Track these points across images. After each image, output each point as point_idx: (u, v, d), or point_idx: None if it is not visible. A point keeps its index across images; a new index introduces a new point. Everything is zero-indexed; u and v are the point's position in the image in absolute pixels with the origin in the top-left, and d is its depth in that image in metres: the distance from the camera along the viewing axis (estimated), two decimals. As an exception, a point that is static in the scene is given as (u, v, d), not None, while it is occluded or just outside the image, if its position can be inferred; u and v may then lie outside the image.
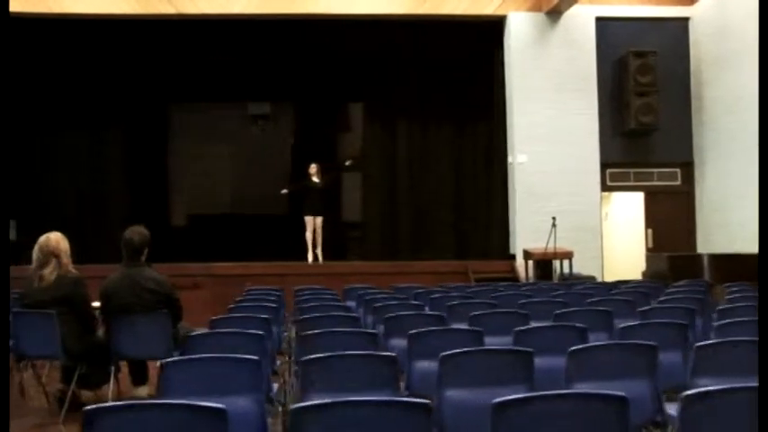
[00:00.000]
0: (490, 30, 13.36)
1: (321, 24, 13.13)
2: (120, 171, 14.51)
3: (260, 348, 4.30)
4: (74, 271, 5.99)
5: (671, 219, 13.02)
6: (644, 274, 12.15)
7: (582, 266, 12.12)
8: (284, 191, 13.46)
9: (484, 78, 13.66)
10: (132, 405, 2.33)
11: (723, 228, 12.18)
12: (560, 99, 12.79)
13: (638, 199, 13.37)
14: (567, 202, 12.46)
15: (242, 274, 12.07)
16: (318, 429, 2.40)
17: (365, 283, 9.09)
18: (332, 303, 6.85)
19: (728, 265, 10.44)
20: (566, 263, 12.02)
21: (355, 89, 14.77)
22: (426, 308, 6.47)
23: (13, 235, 13.76)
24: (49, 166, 14.09)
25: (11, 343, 6.21)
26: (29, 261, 12.91)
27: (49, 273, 5.83)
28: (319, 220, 12.95)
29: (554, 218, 11.55)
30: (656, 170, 13.18)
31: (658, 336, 3.96)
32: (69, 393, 5.86)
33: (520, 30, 12.90)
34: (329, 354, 3.51)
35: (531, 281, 11.80)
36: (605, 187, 13.06)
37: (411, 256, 13.59)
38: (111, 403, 2.34)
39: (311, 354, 3.52)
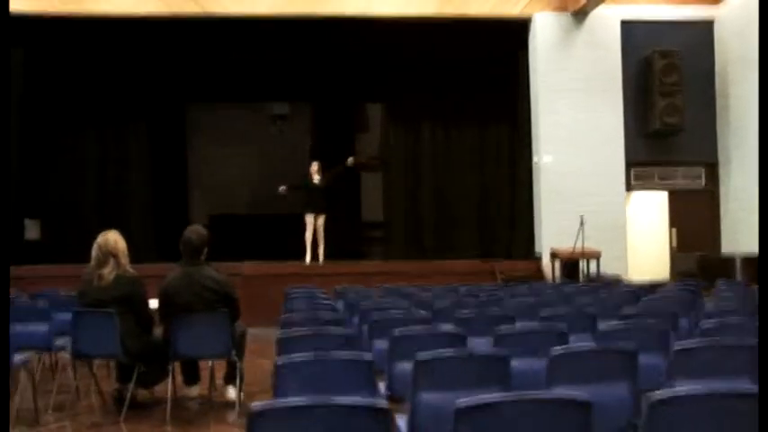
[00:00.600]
0: (514, 30, 13.38)
1: (345, 25, 13.13)
2: (140, 170, 14.52)
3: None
4: (131, 270, 6.00)
5: (695, 218, 13.05)
6: (672, 274, 12.19)
7: (607, 266, 12.12)
8: (281, 188, 13.00)
9: (507, 79, 13.69)
10: (298, 406, 2.33)
11: (749, 228, 12.20)
12: (585, 99, 12.83)
13: (658, 198, 13.40)
14: (592, 203, 12.46)
15: (275, 273, 12.10)
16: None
17: (390, 284, 9.11)
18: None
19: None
20: (592, 263, 12.04)
21: (377, 90, 14.80)
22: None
23: (36, 234, 13.78)
24: (71, 166, 14.11)
25: (66, 342, 6.24)
26: (53, 260, 13.14)
27: (108, 272, 5.84)
28: (321, 219, 12.76)
29: (582, 217, 11.56)
30: (680, 170, 13.21)
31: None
32: (129, 392, 5.88)
33: (545, 30, 12.93)
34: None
35: (557, 281, 11.83)
36: (629, 187, 13.09)
37: (434, 256, 13.62)
38: (274, 403, 2.34)
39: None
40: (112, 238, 5.94)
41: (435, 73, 13.88)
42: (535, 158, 13.12)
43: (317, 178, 12.83)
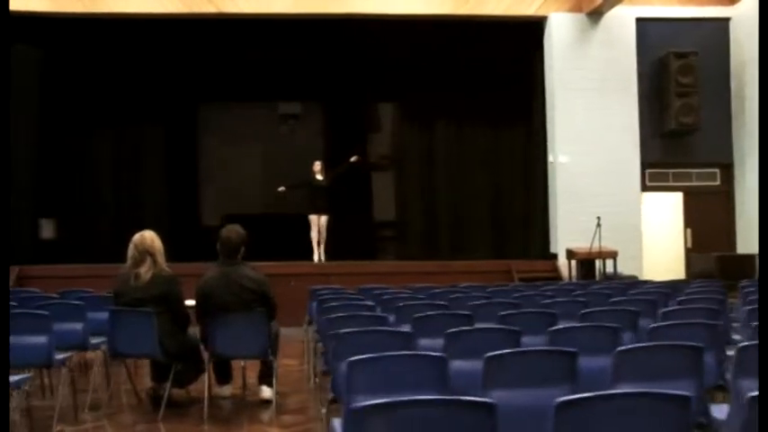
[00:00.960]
0: (528, 30, 13.40)
1: (359, 24, 13.14)
2: (153, 170, 14.53)
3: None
4: (168, 269, 6.00)
5: (710, 219, 13.08)
6: (687, 274, 12.21)
7: (622, 266, 12.14)
8: (280, 188, 13.15)
9: (521, 78, 13.70)
10: (403, 402, 2.33)
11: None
12: (601, 99, 12.84)
13: (671, 199, 13.42)
14: (608, 203, 12.47)
15: (288, 273, 12.09)
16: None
17: (408, 283, 9.12)
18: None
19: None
20: (608, 262, 12.07)
21: (388, 89, 14.78)
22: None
23: (51, 233, 13.78)
24: (86, 165, 14.12)
25: (99, 341, 6.25)
26: (68, 259, 13.11)
27: (145, 271, 5.84)
28: (324, 218, 12.82)
29: (599, 217, 11.58)
30: (694, 171, 13.24)
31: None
32: (167, 392, 5.89)
33: (561, 30, 12.95)
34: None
35: (574, 280, 11.85)
36: (644, 187, 13.11)
37: (447, 256, 13.62)
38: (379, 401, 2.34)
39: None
40: (149, 237, 5.95)
41: (449, 72, 13.87)
42: (550, 158, 13.13)
43: (319, 178, 12.84)
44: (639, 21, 12.90)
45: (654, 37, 12.94)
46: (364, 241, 15.46)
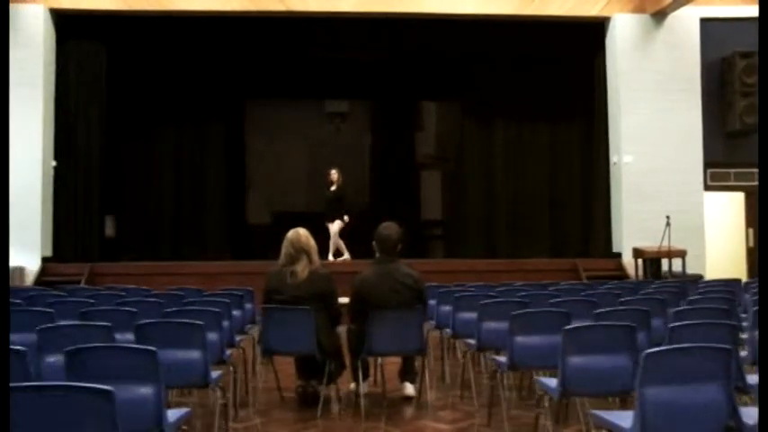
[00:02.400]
0: (590, 30, 13.47)
1: (422, 24, 13.19)
2: (202, 167, 14.53)
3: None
4: (322, 267, 6.03)
5: (772, 218, 13.15)
6: (749, 274, 12.31)
7: (686, 265, 12.24)
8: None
9: (582, 78, 13.77)
10: None
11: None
12: (664, 99, 12.94)
13: (734, 198, 13.52)
14: (671, 202, 12.56)
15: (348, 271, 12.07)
16: None
17: (475, 282, 9.14)
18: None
19: None
20: (674, 261, 12.14)
21: (449, 88, 14.84)
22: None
23: (112, 231, 13.78)
24: (144, 163, 14.13)
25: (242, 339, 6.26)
26: (127, 257, 13.11)
27: (302, 269, 5.86)
28: (334, 225, 12.91)
29: (668, 217, 11.66)
30: (757, 170, 13.32)
31: None
32: (313, 389, 5.93)
33: (624, 31, 13.03)
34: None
35: (640, 279, 11.93)
36: (706, 187, 13.20)
37: (504, 254, 13.67)
38: None
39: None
40: (304, 235, 5.98)
41: (509, 72, 13.96)
42: (614, 158, 13.21)
43: (333, 187, 12.94)
44: (704, 20, 12.98)
45: (718, 37, 13.03)
46: (413, 240, 15.49)
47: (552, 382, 4.35)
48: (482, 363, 7.62)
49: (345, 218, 12.88)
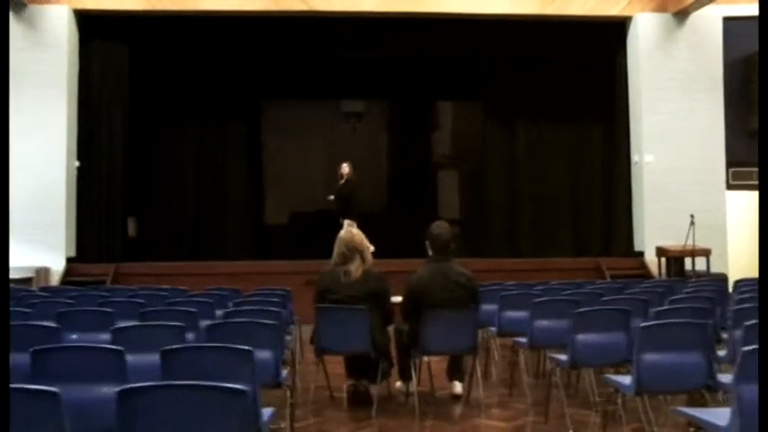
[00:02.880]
0: (610, 30, 13.48)
1: (441, 24, 13.19)
2: (221, 167, 14.55)
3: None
4: (374, 267, 6.05)
5: (794, 217, 13.18)
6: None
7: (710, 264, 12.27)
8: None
9: (602, 78, 13.78)
10: None
11: None
12: (686, 99, 12.95)
13: (752, 198, 13.53)
14: (694, 201, 12.56)
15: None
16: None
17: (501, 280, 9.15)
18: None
19: None
20: (697, 261, 12.16)
21: (466, 88, 14.86)
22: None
23: (133, 231, 13.78)
24: (164, 163, 14.14)
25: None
26: (150, 257, 13.12)
27: (356, 269, 5.88)
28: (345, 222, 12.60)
29: (692, 215, 11.67)
30: (778, 169, 13.35)
31: None
32: (376, 388, 5.94)
33: (646, 30, 13.04)
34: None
35: (663, 278, 11.96)
36: (728, 186, 13.23)
37: (528, 253, 13.68)
38: None
39: None
40: (357, 235, 6.01)
41: (528, 71, 13.94)
42: (635, 158, 13.23)
43: (341, 181, 12.99)
44: (726, 19, 13.00)
45: (741, 36, 13.01)
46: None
47: (626, 380, 4.37)
48: (521, 360, 7.63)
49: (346, 221, 12.11)
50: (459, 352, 6.09)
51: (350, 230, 6.05)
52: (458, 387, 6.33)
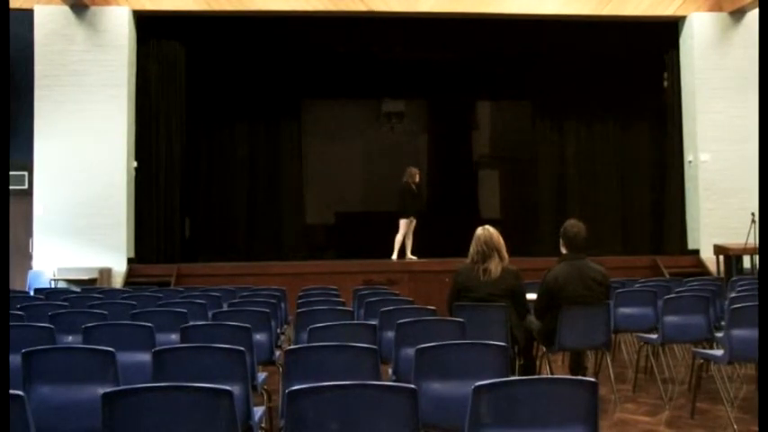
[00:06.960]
0: (663, 30, 13.55)
1: (492, 24, 13.24)
2: (271, 167, 14.59)
3: None
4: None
5: None
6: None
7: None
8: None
9: (652, 77, 13.87)
10: None
11: None
12: (741, 98, 13.01)
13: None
14: (750, 199, 12.63)
15: (438, 270, 12.12)
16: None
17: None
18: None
19: None
20: (754, 258, 12.25)
21: (518, 87, 14.94)
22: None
23: (187, 232, 13.79)
24: (218, 164, 14.17)
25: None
26: (205, 258, 13.09)
27: (495, 266, 5.91)
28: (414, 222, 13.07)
29: (753, 213, 11.75)
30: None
31: None
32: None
33: (701, 30, 13.10)
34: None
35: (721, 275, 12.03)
36: (783, 184, 13.31)
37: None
38: None
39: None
40: (495, 233, 6.03)
41: (579, 71, 14.02)
42: (689, 157, 13.30)
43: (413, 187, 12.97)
44: (782, 18, 13.08)
45: (796, 35, 13.12)
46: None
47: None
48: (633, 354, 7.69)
49: (402, 220, 12.82)
50: (595, 347, 6.14)
51: (488, 229, 6.06)
52: (582, 383, 6.35)
